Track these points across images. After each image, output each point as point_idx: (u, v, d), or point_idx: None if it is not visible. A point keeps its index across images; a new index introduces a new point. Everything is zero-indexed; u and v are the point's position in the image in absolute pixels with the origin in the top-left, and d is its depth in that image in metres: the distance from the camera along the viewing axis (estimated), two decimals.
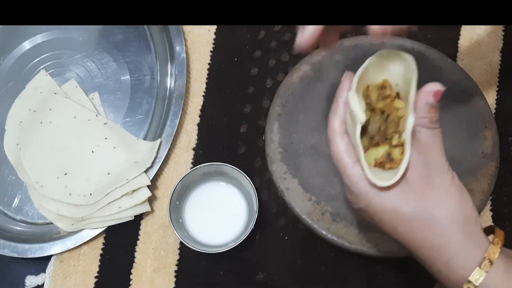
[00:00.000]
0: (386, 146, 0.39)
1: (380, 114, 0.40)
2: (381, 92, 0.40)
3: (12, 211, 0.61)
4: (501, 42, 0.65)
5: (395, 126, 0.39)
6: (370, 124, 0.40)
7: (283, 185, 0.58)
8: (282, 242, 0.59)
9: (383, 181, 0.37)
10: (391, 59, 0.40)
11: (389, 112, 0.39)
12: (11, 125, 0.62)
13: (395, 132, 0.39)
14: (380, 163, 0.39)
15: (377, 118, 0.40)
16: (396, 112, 0.39)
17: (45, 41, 0.66)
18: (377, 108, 0.40)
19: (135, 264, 0.59)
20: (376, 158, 0.39)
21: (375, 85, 0.40)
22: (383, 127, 0.39)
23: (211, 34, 0.67)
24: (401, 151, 0.38)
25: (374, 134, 0.40)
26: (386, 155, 0.39)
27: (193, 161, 0.62)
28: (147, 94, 0.64)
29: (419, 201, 0.38)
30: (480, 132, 0.59)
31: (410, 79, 0.39)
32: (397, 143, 0.38)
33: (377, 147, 0.39)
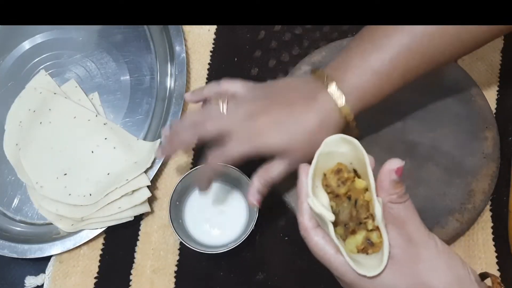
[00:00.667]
0: (363, 232, 0.39)
1: (346, 200, 0.40)
2: (339, 177, 0.40)
3: (12, 211, 0.61)
4: (501, 42, 0.65)
5: (366, 210, 0.39)
6: (339, 213, 0.40)
7: (283, 186, 0.58)
8: (282, 242, 0.59)
9: (371, 270, 0.37)
10: (338, 144, 0.40)
11: (355, 198, 0.39)
12: (10, 125, 0.62)
13: (367, 217, 0.39)
14: (362, 249, 0.39)
15: (345, 206, 0.40)
16: (363, 197, 0.39)
17: (45, 41, 0.66)
18: (341, 194, 0.40)
19: (135, 264, 0.59)
20: (357, 245, 0.39)
21: (331, 171, 0.41)
22: (354, 212, 0.39)
23: (211, 34, 0.67)
24: (378, 234, 0.38)
25: (347, 221, 0.40)
26: (365, 241, 0.39)
27: (193, 161, 0.62)
28: (147, 94, 0.64)
29: (412, 277, 0.38)
30: (481, 132, 0.59)
31: (361, 158, 0.39)
32: (373, 227, 0.38)
33: (354, 234, 0.39)
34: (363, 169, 0.40)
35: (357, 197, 0.39)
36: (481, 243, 0.58)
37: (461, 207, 0.56)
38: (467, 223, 0.56)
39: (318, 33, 0.67)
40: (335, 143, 0.40)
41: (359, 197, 0.39)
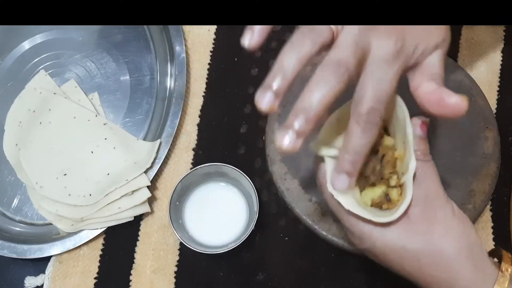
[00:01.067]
0: (383, 186, 0.38)
1: (373, 154, 0.39)
2: None
3: (12, 211, 0.61)
4: (502, 42, 0.65)
5: (392, 167, 0.38)
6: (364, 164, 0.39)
7: (284, 186, 0.58)
8: (282, 242, 0.59)
9: (384, 217, 0.36)
10: None
11: (383, 153, 0.39)
12: (10, 126, 0.62)
13: (392, 173, 0.38)
14: (377, 203, 0.38)
15: (371, 158, 0.39)
16: (392, 153, 0.38)
17: (45, 41, 0.66)
18: None
19: (134, 265, 0.59)
20: (373, 198, 0.38)
21: None
22: (378, 167, 0.38)
23: (211, 34, 0.67)
24: (399, 192, 0.38)
25: (369, 174, 0.39)
26: (383, 196, 0.38)
27: (193, 161, 0.62)
28: (147, 94, 0.64)
29: (424, 236, 0.37)
30: (481, 132, 0.58)
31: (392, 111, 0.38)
32: (396, 184, 0.38)
33: (373, 187, 0.39)
34: (394, 124, 0.39)
35: (385, 152, 0.38)
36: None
37: (462, 207, 0.55)
38: None
39: None
40: None
41: (387, 152, 0.38)
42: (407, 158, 0.37)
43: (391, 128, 0.40)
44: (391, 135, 0.40)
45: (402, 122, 0.38)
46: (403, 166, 0.38)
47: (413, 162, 0.37)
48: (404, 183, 0.37)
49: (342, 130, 0.39)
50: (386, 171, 0.38)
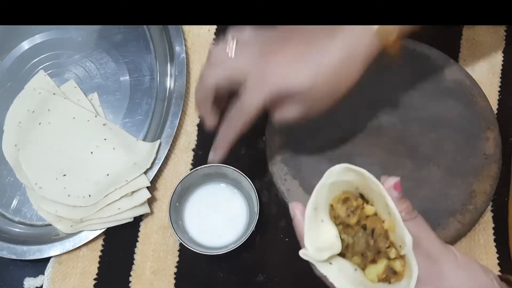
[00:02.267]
0: (384, 260, 0.38)
1: (361, 230, 0.38)
2: (347, 206, 0.39)
3: (11, 212, 0.61)
4: (503, 42, 0.65)
5: (386, 239, 0.38)
6: (354, 243, 0.39)
7: (284, 187, 0.57)
8: (282, 243, 0.59)
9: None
10: (342, 173, 0.38)
11: (372, 227, 0.38)
12: (9, 126, 0.62)
13: (389, 246, 0.38)
14: (383, 278, 0.38)
15: (360, 235, 0.38)
16: (381, 226, 0.38)
17: (44, 41, 0.66)
18: (353, 224, 0.39)
19: (134, 266, 0.59)
20: (378, 274, 0.38)
21: (337, 201, 0.39)
22: (371, 242, 0.38)
23: (211, 34, 0.67)
24: (402, 262, 0.37)
25: (364, 251, 0.38)
26: (387, 270, 0.38)
27: (193, 162, 0.62)
28: (147, 94, 0.64)
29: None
30: (482, 133, 0.58)
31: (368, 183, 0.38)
32: (396, 256, 0.37)
33: (374, 263, 0.38)
34: (370, 193, 0.39)
35: (373, 226, 0.38)
36: (482, 244, 0.58)
37: (463, 208, 0.56)
38: (469, 224, 0.56)
39: None
40: (340, 173, 0.38)
41: (376, 226, 0.38)
42: (399, 232, 0.37)
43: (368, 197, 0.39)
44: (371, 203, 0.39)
45: (377, 192, 0.38)
46: (397, 238, 0.37)
47: (409, 237, 0.36)
48: (405, 255, 0.37)
49: (324, 225, 0.39)
50: (381, 245, 0.38)
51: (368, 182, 0.38)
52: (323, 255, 0.38)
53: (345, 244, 0.39)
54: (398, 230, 0.37)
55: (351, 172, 0.38)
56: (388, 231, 0.38)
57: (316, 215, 0.39)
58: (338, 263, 0.39)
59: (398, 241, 0.37)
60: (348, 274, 0.38)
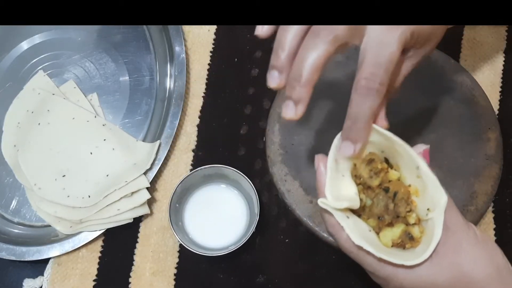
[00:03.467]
0: (401, 225, 0.37)
1: (382, 192, 0.38)
2: (371, 167, 0.38)
3: (10, 213, 0.61)
4: (504, 42, 0.65)
5: (406, 204, 0.37)
6: (373, 204, 0.38)
7: (284, 187, 0.57)
8: (282, 244, 0.59)
9: (413, 259, 0.35)
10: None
11: (395, 190, 0.37)
12: (8, 127, 0.61)
13: (410, 211, 0.37)
14: (398, 244, 0.37)
15: (381, 198, 0.38)
16: (405, 190, 0.37)
17: (43, 41, 0.66)
18: (374, 186, 0.38)
19: (134, 267, 0.58)
20: (393, 239, 0.37)
21: (362, 161, 0.38)
22: (391, 206, 0.37)
23: (211, 34, 0.66)
24: (421, 228, 0.37)
25: (382, 214, 0.38)
26: (404, 235, 0.37)
27: (193, 162, 0.62)
28: (146, 95, 0.64)
29: (452, 268, 0.36)
30: (483, 134, 0.58)
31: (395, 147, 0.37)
32: (415, 221, 0.37)
33: (391, 227, 0.37)
34: (396, 158, 0.38)
35: (397, 189, 0.37)
36: None
37: (464, 209, 0.55)
38: None
39: None
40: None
41: (399, 189, 0.37)
42: (431, 193, 0.36)
43: (393, 162, 0.39)
44: (395, 168, 0.39)
45: (406, 156, 0.37)
46: (426, 201, 0.37)
47: (445, 197, 0.36)
48: (431, 219, 0.36)
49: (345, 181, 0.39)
50: (401, 209, 0.37)
51: (395, 146, 0.37)
52: (342, 204, 0.37)
53: (362, 204, 0.38)
54: (431, 191, 0.36)
55: (377, 134, 0.38)
56: (412, 196, 0.37)
57: (337, 169, 0.38)
58: (354, 219, 0.38)
59: (425, 204, 0.37)
60: (363, 232, 0.38)
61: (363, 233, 0.38)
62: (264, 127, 0.61)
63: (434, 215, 0.36)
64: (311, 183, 0.57)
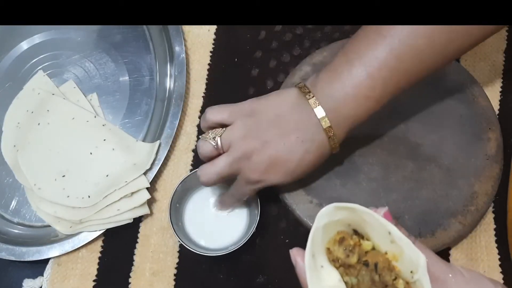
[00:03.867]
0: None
1: (364, 268, 0.37)
2: (345, 246, 0.38)
3: (10, 213, 0.61)
4: (504, 42, 0.65)
5: (390, 271, 0.37)
6: (359, 281, 0.38)
7: (284, 188, 0.57)
8: (283, 245, 0.59)
9: None
10: (333, 213, 0.38)
11: (374, 261, 0.37)
12: (8, 127, 0.61)
13: (395, 278, 0.37)
14: None
15: (364, 273, 0.37)
16: (383, 258, 0.37)
17: (43, 41, 0.66)
18: (353, 264, 0.38)
19: (134, 267, 0.58)
20: None
21: (333, 243, 0.38)
22: (376, 277, 0.37)
23: (211, 34, 0.66)
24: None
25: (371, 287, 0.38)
26: None
27: (193, 163, 0.62)
28: (146, 95, 0.64)
29: None
30: (484, 134, 0.58)
31: (361, 217, 0.37)
32: (404, 286, 0.37)
33: None
34: (364, 227, 0.38)
35: (375, 260, 0.37)
36: (484, 245, 0.57)
37: (464, 209, 0.55)
38: (470, 225, 0.56)
39: (319, 33, 0.66)
40: (330, 213, 0.37)
41: (378, 259, 0.37)
42: (409, 256, 0.36)
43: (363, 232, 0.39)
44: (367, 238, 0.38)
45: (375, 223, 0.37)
46: (405, 265, 0.37)
47: (422, 257, 0.35)
48: (418, 280, 0.36)
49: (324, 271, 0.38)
50: (387, 278, 0.37)
51: (362, 215, 0.37)
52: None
53: (350, 286, 0.38)
54: (408, 254, 0.36)
55: (341, 210, 0.37)
56: (392, 262, 0.37)
57: (315, 262, 0.38)
58: None
59: (407, 267, 0.36)
60: None
61: None
62: None
63: (418, 276, 0.36)
64: (311, 184, 0.57)
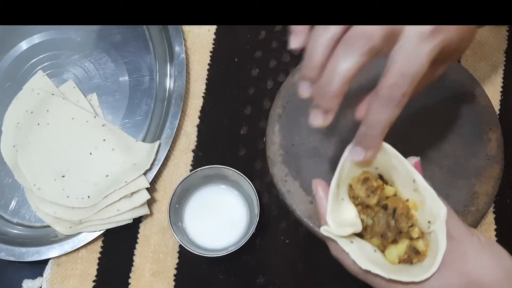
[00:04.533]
0: (405, 240, 0.37)
1: (381, 210, 0.38)
2: (367, 186, 0.38)
3: (9, 214, 0.60)
4: (505, 42, 0.64)
5: (407, 219, 0.37)
6: (374, 223, 0.38)
7: (284, 188, 0.57)
8: (283, 245, 0.58)
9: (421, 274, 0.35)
10: None
11: (394, 206, 0.37)
12: (8, 127, 0.61)
13: (412, 226, 0.37)
14: (405, 259, 0.37)
15: (381, 216, 0.38)
16: (404, 205, 0.37)
17: (43, 41, 0.66)
18: (372, 205, 0.38)
19: (133, 268, 0.58)
20: (399, 255, 0.37)
21: (357, 181, 0.38)
22: (392, 222, 0.37)
23: (211, 34, 0.66)
24: (425, 242, 0.37)
25: (384, 232, 0.38)
26: (409, 250, 0.37)
27: (193, 163, 0.62)
28: (146, 95, 0.63)
29: (462, 277, 0.36)
30: (484, 134, 0.58)
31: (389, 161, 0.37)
32: (419, 235, 0.37)
33: (395, 244, 0.37)
34: (390, 173, 0.38)
35: (395, 206, 0.37)
36: None
37: (465, 209, 0.55)
38: (471, 225, 0.55)
39: None
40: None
41: (398, 205, 0.37)
42: (430, 205, 0.36)
43: (388, 178, 0.39)
44: (390, 184, 0.39)
45: (402, 169, 0.37)
46: (425, 214, 0.37)
47: (444, 208, 0.36)
48: (434, 231, 0.36)
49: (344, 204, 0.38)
50: (403, 225, 0.37)
51: (391, 159, 0.37)
52: (346, 230, 0.37)
53: (364, 225, 0.38)
54: (429, 204, 0.36)
55: None
56: (411, 210, 0.37)
57: (338, 193, 0.38)
58: (358, 242, 0.38)
59: (425, 217, 0.36)
60: (369, 254, 0.38)
61: (369, 255, 0.37)
62: (264, 128, 0.61)
63: (435, 227, 0.36)
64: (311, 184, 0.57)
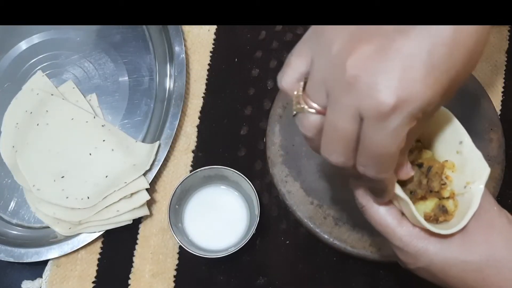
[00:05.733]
0: (435, 199, 0.37)
1: (416, 168, 0.38)
2: None
3: (8, 214, 0.60)
4: (506, 42, 0.64)
5: (440, 178, 0.37)
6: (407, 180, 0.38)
7: (285, 189, 0.57)
8: (283, 246, 0.58)
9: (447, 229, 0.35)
10: None
11: (428, 165, 0.37)
12: (7, 127, 0.61)
13: (444, 184, 0.37)
14: (431, 217, 0.37)
15: (415, 173, 0.38)
16: (440, 165, 0.37)
17: (42, 41, 0.65)
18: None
19: (133, 269, 0.58)
20: (426, 212, 0.37)
21: None
22: (424, 180, 0.38)
23: (211, 34, 0.66)
24: (455, 203, 0.37)
25: (414, 189, 0.38)
26: (437, 208, 0.37)
27: (193, 163, 0.61)
28: (146, 95, 0.63)
29: (485, 247, 0.36)
30: (486, 135, 0.58)
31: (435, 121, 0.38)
32: (450, 195, 0.37)
33: (423, 200, 0.38)
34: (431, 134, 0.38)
35: (430, 164, 0.37)
36: None
37: None
38: None
39: None
40: None
41: (434, 164, 0.37)
42: (473, 166, 0.36)
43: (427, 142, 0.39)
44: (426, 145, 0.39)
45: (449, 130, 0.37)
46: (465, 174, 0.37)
47: (488, 169, 0.36)
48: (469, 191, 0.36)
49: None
50: (435, 184, 0.37)
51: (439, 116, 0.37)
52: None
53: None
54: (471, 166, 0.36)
55: None
56: (448, 171, 0.37)
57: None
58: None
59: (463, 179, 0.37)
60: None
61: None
62: (265, 128, 0.60)
63: (473, 186, 0.36)
64: (312, 184, 0.57)
